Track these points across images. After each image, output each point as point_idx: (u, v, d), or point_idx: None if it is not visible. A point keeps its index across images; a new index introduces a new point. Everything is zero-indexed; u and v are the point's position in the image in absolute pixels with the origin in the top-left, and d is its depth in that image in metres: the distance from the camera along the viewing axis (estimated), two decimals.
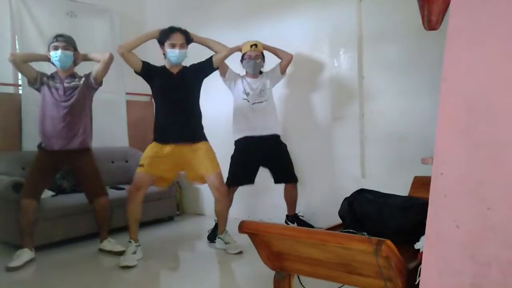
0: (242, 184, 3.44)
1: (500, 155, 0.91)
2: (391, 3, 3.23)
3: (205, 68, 3.10)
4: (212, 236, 3.34)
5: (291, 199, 3.52)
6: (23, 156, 3.63)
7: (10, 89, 3.94)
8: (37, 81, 3.00)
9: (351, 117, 3.48)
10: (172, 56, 2.95)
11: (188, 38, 3.02)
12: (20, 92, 3.90)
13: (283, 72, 3.50)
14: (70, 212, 3.34)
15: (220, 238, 3.17)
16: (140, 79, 3.11)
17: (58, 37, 2.96)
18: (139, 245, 2.94)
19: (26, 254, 2.85)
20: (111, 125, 4.44)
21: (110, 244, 3.12)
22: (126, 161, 4.34)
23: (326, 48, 3.61)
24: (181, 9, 4.57)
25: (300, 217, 3.58)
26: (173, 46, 2.94)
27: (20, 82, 3.92)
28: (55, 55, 2.94)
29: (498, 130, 0.91)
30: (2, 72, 3.85)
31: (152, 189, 3.95)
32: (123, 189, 3.88)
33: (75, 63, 3.11)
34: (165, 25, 3.09)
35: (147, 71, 3.01)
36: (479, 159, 0.93)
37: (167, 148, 2.97)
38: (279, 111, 3.89)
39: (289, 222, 3.55)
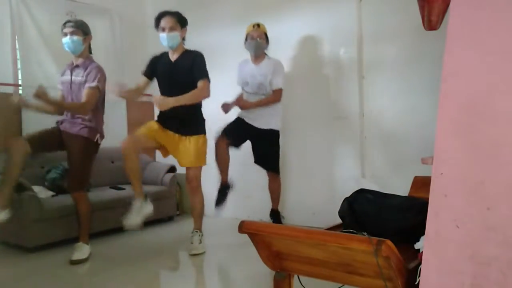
0: (230, 141, 3.38)
1: (500, 155, 0.91)
2: (391, 3, 3.23)
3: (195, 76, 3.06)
4: (220, 199, 3.41)
5: (273, 190, 3.52)
6: None
7: (10, 89, 3.93)
8: None
9: (351, 117, 3.48)
10: (162, 40, 2.98)
11: (181, 19, 3.01)
12: (20, 92, 3.90)
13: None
14: (70, 212, 3.33)
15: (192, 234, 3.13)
16: (140, 79, 3.11)
17: (67, 23, 2.95)
18: (146, 200, 2.91)
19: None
20: (111, 125, 4.43)
21: (82, 251, 2.92)
22: None
23: (326, 48, 3.61)
24: (181, 9, 4.55)
25: (282, 217, 3.58)
26: (162, 30, 2.97)
27: (20, 82, 3.92)
28: (64, 41, 2.93)
29: (498, 130, 0.91)
30: (2, 72, 3.85)
31: (152, 189, 3.98)
32: (123, 189, 3.88)
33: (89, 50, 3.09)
34: None
35: (151, 71, 3.07)
36: (479, 159, 0.93)
37: (167, 131, 3.01)
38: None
39: (270, 217, 3.56)
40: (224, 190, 3.44)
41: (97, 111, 3.11)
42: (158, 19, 2.99)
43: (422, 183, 1.87)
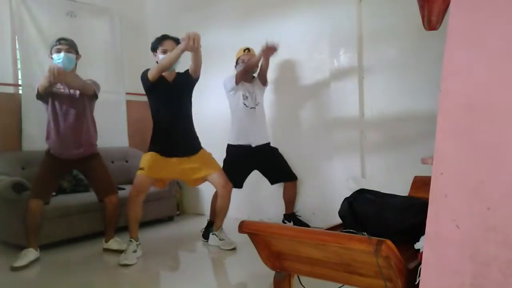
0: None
1: (500, 155, 0.91)
2: (391, 3, 3.22)
3: (189, 81, 3.09)
4: (207, 234, 3.36)
5: (290, 198, 3.54)
6: (23, 156, 3.63)
7: (10, 89, 3.94)
8: (49, 94, 3.00)
9: (351, 117, 3.48)
10: None
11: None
12: (20, 92, 3.90)
13: (263, 83, 3.55)
14: (70, 212, 3.34)
15: (215, 235, 3.19)
16: (140, 79, 3.11)
17: (61, 40, 2.98)
18: (139, 244, 2.97)
19: (31, 254, 2.86)
20: (111, 125, 4.44)
21: (117, 243, 3.15)
22: (126, 161, 4.35)
23: (326, 48, 3.61)
24: (181, 9, 4.57)
25: (298, 216, 3.58)
26: (164, 52, 2.97)
27: (20, 82, 3.92)
28: (58, 57, 2.93)
29: (498, 130, 0.91)
30: (2, 72, 3.85)
31: (152, 189, 3.97)
32: (123, 189, 3.88)
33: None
34: (165, 25, 3.10)
35: (152, 83, 2.99)
36: (479, 159, 0.93)
37: (168, 160, 3.03)
38: (279, 111, 3.90)
39: (286, 221, 3.56)
40: (210, 227, 3.39)
41: (91, 124, 3.17)
42: (159, 41, 3.00)
43: (422, 183, 1.87)
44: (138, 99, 4.79)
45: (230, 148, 3.46)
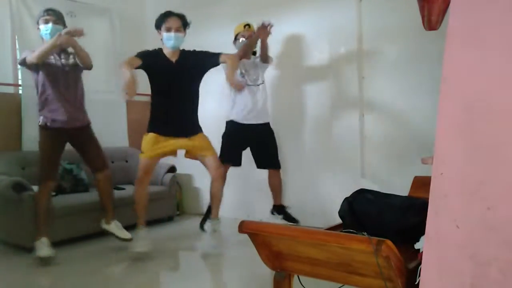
0: (230, 164, 3.44)
1: (500, 155, 0.91)
2: (391, 3, 3.23)
3: (210, 63, 3.04)
4: (204, 224, 3.38)
5: (275, 186, 3.53)
6: (23, 156, 3.63)
7: (10, 89, 3.93)
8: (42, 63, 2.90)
9: (351, 117, 3.48)
10: (168, 40, 2.94)
11: (185, 22, 3.01)
12: (20, 92, 3.90)
13: (264, 61, 3.50)
14: (70, 212, 3.34)
15: (211, 223, 3.17)
16: (140, 79, 3.11)
17: (48, 10, 2.94)
18: (148, 231, 3.00)
19: (46, 242, 2.85)
20: (111, 125, 4.44)
21: (117, 228, 3.11)
22: (126, 161, 4.34)
23: (326, 48, 3.61)
24: (181, 9, 4.56)
25: (287, 211, 3.57)
26: (168, 29, 2.93)
27: (20, 82, 3.92)
28: (46, 28, 2.90)
29: (498, 130, 0.91)
30: (2, 72, 3.85)
31: (152, 189, 3.97)
32: (123, 189, 3.88)
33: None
34: None
35: (147, 66, 2.95)
36: (479, 159, 0.93)
37: (167, 140, 3.01)
38: (279, 111, 3.89)
39: (275, 213, 3.54)
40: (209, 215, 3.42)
41: (82, 94, 3.13)
42: (163, 18, 2.95)
43: (422, 183, 1.87)
44: (138, 99, 4.78)
45: (228, 124, 3.48)
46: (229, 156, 3.34)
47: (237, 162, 3.45)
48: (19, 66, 3.89)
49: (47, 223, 2.91)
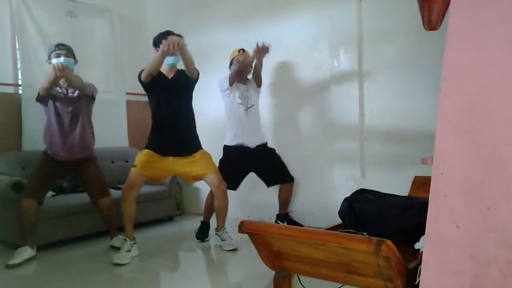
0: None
1: (500, 155, 0.91)
2: (391, 3, 3.22)
3: (188, 80, 3.08)
4: (200, 235, 3.38)
5: (285, 199, 3.53)
6: (23, 156, 3.63)
7: (10, 89, 3.94)
8: (49, 96, 3.03)
9: (351, 117, 3.48)
10: (167, 60, 2.97)
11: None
12: (20, 92, 3.90)
13: (258, 85, 3.54)
14: (70, 212, 3.34)
15: (218, 235, 3.21)
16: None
17: (59, 45, 3.04)
18: (134, 243, 2.99)
19: (27, 252, 2.90)
20: (111, 125, 4.44)
21: (119, 241, 3.17)
22: (126, 161, 4.34)
23: (326, 48, 3.61)
24: (181, 9, 4.58)
25: (291, 217, 3.58)
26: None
27: (20, 82, 3.92)
28: (58, 62, 2.94)
29: (498, 130, 0.91)
30: (2, 72, 3.85)
31: (152, 189, 3.98)
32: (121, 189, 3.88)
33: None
34: (165, 25, 3.09)
35: (151, 81, 3.00)
36: (479, 159, 0.93)
37: (165, 159, 3.04)
38: (279, 111, 3.89)
39: (279, 222, 3.55)
40: (204, 228, 3.43)
41: (89, 127, 3.20)
42: (163, 37, 2.94)
43: (422, 183, 1.87)
44: (138, 99, 4.79)
45: (226, 149, 3.46)
46: (226, 180, 3.26)
47: (234, 187, 3.41)
48: (19, 66, 3.90)
49: (31, 234, 2.96)
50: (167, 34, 2.96)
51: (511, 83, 0.91)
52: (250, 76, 3.55)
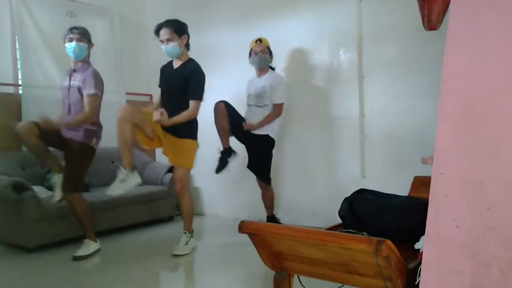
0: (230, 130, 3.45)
1: (500, 155, 0.91)
2: (391, 3, 3.22)
3: (188, 90, 3.08)
4: (221, 165, 3.43)
5: (265, 199, 3.53)
6: (23, 156, 3.63)
7: (10, 89, 3.93)
8: None
9: (351, 117, 3.48)
10: (164, 52, 3.05)
11: (177, 28, 3.00)
12: (20, 92, 3.90)
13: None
14: (70, 212, 3.34)
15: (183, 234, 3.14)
16: (140, 79, 3.12)
17: (73, 29, 3.04)
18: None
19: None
20: (111, 125, 4.43)
21: (83, 246, 3.01)
22: None
23: (326, 48, 3.61)
24: (181, 9, 4.57)
25: (277, 219, 3.58)
26: (161, 42, 3.04)
27: (20, 82, 3.92)
28: (70, 46, 3.00)
29: (498, 130, 0.91)
30: (2, 72, 3.85)
31: (152, 189, 3.98)
32: None
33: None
34: None
35: (161, 70, 3.18)
36: (479, 159, 0.93)
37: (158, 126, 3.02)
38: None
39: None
40: (225, 156, 3.43)
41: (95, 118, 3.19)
42: (157, 31, 3.04)
43: (422, 183, 1.87)
44: (138, 99, 4.79)
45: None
46: (233, 123, 3.35)
47: (233, 131, 3.43)
48: (19, 66, 3.90)
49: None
50: (157, 28, 3.02)
51: (511, 83, 0.91)
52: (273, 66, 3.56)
